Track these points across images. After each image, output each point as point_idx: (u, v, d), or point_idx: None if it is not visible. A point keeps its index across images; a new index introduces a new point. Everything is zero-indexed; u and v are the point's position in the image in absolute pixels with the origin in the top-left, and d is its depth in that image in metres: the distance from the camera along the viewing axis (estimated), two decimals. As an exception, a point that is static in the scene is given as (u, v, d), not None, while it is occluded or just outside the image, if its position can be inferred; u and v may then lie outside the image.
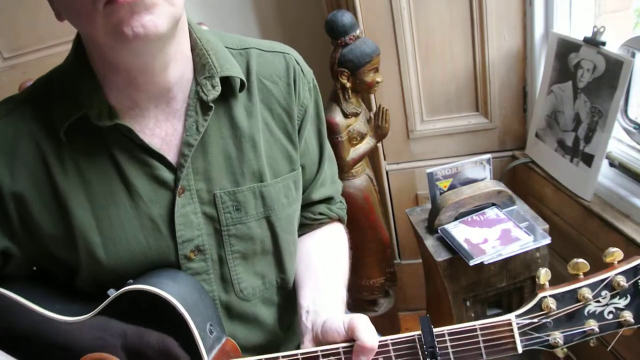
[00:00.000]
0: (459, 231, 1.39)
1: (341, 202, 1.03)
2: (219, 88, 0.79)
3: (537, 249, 1.34)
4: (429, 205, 1.50)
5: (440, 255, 1.37)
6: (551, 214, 1.55)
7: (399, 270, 1.94)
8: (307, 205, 0.96)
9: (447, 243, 1.38)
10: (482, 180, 1.47)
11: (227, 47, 0.83)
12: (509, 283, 1.41)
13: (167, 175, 0.78)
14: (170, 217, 0.79)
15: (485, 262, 1.29)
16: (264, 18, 2.02)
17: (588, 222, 1.38)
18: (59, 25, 0.79)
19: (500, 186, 1.45)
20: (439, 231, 1.42)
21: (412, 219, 1.56)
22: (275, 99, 0.85)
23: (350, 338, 0.71)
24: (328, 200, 0.99)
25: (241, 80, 0.81)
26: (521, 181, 1.71)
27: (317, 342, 0.75)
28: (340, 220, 1.02)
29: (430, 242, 1.43)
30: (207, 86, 0.78)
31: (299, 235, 0.97)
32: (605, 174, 1.39)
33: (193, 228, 0.80)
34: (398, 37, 1.63)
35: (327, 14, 1.60)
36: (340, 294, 0.88)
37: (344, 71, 1.52)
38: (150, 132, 0.78)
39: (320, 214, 0.97)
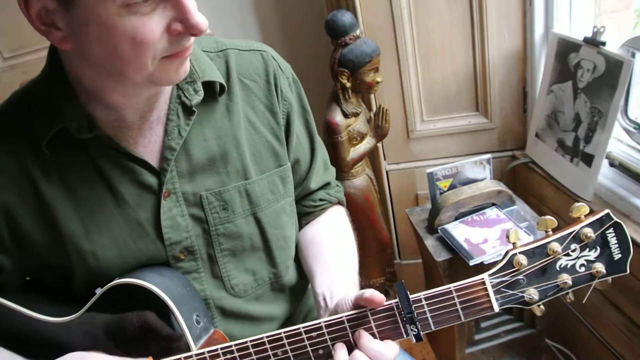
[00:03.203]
0: (459, 231, 1.39)
1: (338, 185, 1.05)
2: (201, 93, 0.80)
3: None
4: (429, 205, 1.50)
5: (440, 255, 1.38)
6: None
7: (399, 270, 1.94)
8: (307, 194, 0.98)
9: (447, 243, 1.38)
10: (482, 180, 1.48)
11: (204, 51, 0.84)
12: (509, 283, 1.41)
13: (151, 180, 0.79)
14: (156, 220, 0.80)
15: (485, 262, 1.29)
16: (264, 18, 2.02)
17: (588, 222, 1.38)
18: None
19: (500, 186, 1.45)
20: (439, 231, 1.42)
21: (412, 219, 1.56)
22: (257, 97, 0.86)
23: (357, 306, 0.73)
24: (325, 186, 1.01)
25: (221, 85, 0.82)
26: (521, 181, 1.71)
27: None
28: (340, 202, 1.04)
29: (430, 242, 1.43)
30: (189, 91, 0.79)
31: (304, 224, 0.99)
32: (605, 174, 1.39)
33: (181, 230, 0.81)
34: (398, 37, 1.63)
35: (327, 14, 1.60)
36: (353, 278, 0.89)
37: (344, 71, 1.52)
38: (134, 141, 0.79)
39: (321, 199, 0.99)
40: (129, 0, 0.61)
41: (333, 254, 0.92)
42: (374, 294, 0.70)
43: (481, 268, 1.33)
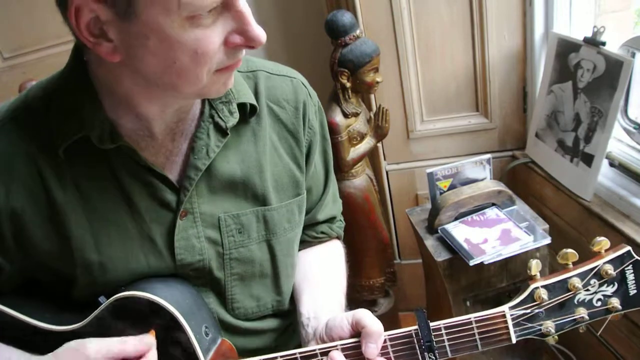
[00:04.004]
0: (459, 231, 1.39)
1: (340, 220, 1.04)
2: (237, 115, 0.78)
3: (537, 249, 1.34)
4: (429, 205, 1.50)
5: (440, 255, 1.37)
6: (551, 214, 1.55)
7: (399, 270, 1.94)
8: (311, 224, 0.97)
9: (447, 243, 1.38)
10: (482, 180, 1.47)
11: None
12: (509, 283, 1.41)
13: (170, 197, 0.77)
14: (170, 239, 0.78)
15: (485, 262, 1.29)
16: (264, 18, 2.02)
17: (588, 222, 1.38)
18: (59, 25, 0.77)
19: (500, 186, 1.45)
20: (439, 231, 1.42)
21: (412, 219, 1.56)
22: (283, 124, 0.85)
23: (356, 331, 0.71)
24: (331, 219, 1.00)
25: (251, 106, 0.80)
26: (521, 181, 1.71)
27: (323, 343, 0.75)
28: (338, 238, 1.03)
29: (430, 242, 1.43)
30: (224, 111, 0.77)
31: (299, 250, 0.97)
32: (605, 174, 1.39)
33: (195, 253, 0.80)
34: (398, 37, 1.63)
35: (327, 14, 1.59)
36: (339, 301, 0.88)
37: (344, 71, 1.52)
38: (155, 151, 0.76)
39: (322, 232, 0.98)
40: (194, 12, 0.59)
41: (323, 280, 0.92)
42: (375, 325, 0.70)
43: (481, 268, 1.33)
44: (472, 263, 1.28)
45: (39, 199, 0.74)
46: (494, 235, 1.35)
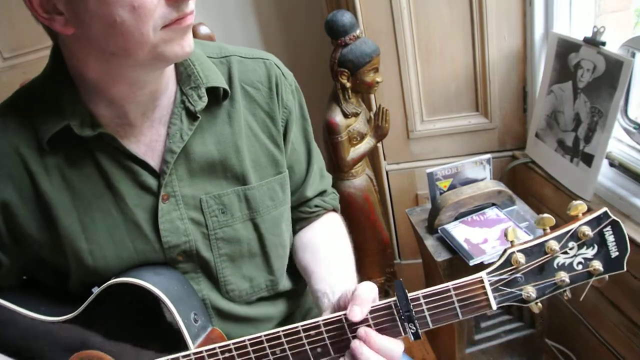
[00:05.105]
0: (459, 231, 1.39)
1: (334, 192, 1.05)
2: (205, 99, 0.80)
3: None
4: (429, 205, 1.50)
5: (440, 255, 1.38)
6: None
7: (399, 270, 1.94)
8: (303, 202, 0.98)
9: (447, 243, 1.38)
10: (482, 180, 1.47)
11: (208, 57, 0.84)
12: (509, 283, 1.41)
13: (151, 181, 0.80)
14: (155, 222, 0.80)
15: (485, 262, 1.29)
16: (264, 18, 2.02)
17: (588, 222, 1.38)
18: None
19: (500, 186, 1.45)
20: (439, 231, 1.42)
21: (412, 219, 1.56)
22: (258, 104, 0.87)
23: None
24: (322, 193, 1.01)
25: (224, 90, 0.82)
26: (521, 181, 1.71)
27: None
28: (334, 209, 1.04)
29: (430, 242, 1.43)
30: (193, 96, 0.80)
31: (298, 230, 0.99)
32: (605, 174, 1.39)
33: (180, 234, 0.82)
34: (398, 37, 1.63)
35: (327, 14, 1.60)
36: (351, 275, 0.89)
37: (344, 71, 1.52)
38: (136, 139, 0.79)
39: (316, 206, 0.99)
40: None
41: (330, 253, 0.92)
42: (363, 290, 0.70)
43: (481, 268, 1.33)
44: (472, 263, 1.28)
45: (26, 191, 0.77)
46: (494, 235, 1.35)
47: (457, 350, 1.53)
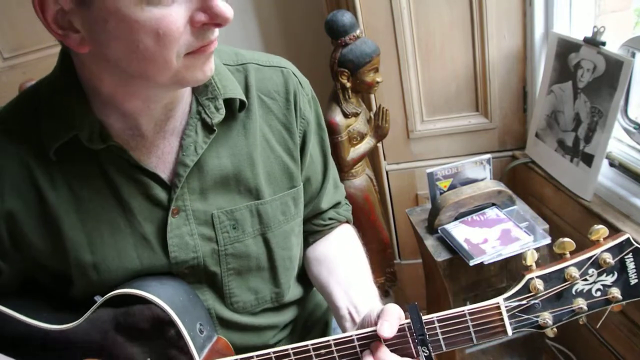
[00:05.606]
0: (459, 231, 1.39)
1: (347, 204, 1.04)
2: (223, 111, 0.77)
3: (537, 249, 1.34)
4: (429, 205, 1.50)
5: (440, 255, 1.37)
6: (551, 214, 1.55)
7: (399, 270, 1.94)
8: (317, 214, 0.96)
9: (447, 243, 1.38)
10: (482, 180, 1.47)
11: (224, 64, 0.82)
12: (509, 283, 1.41)
13: (162, 195, 0.77)
14: (163, 236, 0.78)
15: (485, 262, 1.29)
16: (264, 18, 2.02)
17: (588, 222, 1.38)
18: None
19: (500, 186, 1.45)
20: (439, 231, 1.42)
21: (412, 219, 1.56)
22: (275, 115, 0.84)
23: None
24: (336, 205, 1.00)
25: (241, 101, 0.79)
26: (521, 181, 1.71)
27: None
28: (348, 222, 1.03)
29: (430, 242, 1.43)
30: (210, 108, 0.77)
31: (312, 242, 0.97)
32: (605, 174, 1.39)
33: (188, 250, 0.79)
34: (398, 37, 1.62)
35: (327, 14, 1.59)
36: (373, 291, 0.87)
37: (344, 71, 1.52)
38: (147, 151, 0.76)
39: (330, 219, 0.98)
40: None
41: (349, 269, 0.90)
42: (387, 310, 0.70)
43: (481, 268, 1.33)
44: (472, 263, 1.28)
45: (32, 201, 0.74)
46: (494, 235, 1.35)
47: (457, 350, 1.53)
